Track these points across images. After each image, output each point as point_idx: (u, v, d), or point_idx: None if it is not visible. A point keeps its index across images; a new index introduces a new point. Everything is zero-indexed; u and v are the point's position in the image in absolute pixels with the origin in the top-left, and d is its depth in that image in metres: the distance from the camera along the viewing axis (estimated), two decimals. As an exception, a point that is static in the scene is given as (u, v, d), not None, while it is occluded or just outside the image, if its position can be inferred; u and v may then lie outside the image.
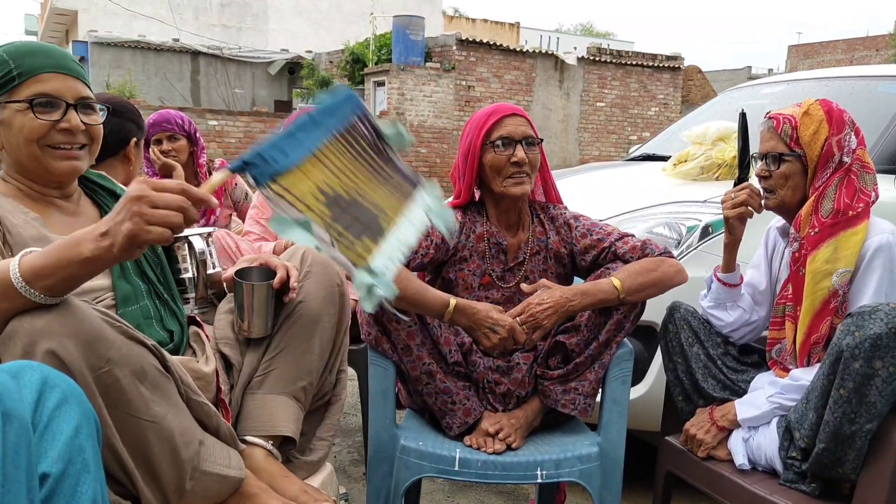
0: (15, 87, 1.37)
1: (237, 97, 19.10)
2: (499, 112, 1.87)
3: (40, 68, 1.38)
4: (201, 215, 3.07)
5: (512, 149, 1.84)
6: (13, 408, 0.80)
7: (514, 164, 1.84)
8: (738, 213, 1.85)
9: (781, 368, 1.83)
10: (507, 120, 1.86)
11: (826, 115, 1.75)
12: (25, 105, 1.37)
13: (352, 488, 2.44)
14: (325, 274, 1.66)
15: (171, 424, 1.24)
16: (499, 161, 1.85)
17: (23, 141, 1.39)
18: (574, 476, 1.74)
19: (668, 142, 3.79)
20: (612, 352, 1.83)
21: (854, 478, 1.56)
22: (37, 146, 1.40)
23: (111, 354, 1.16)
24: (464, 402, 1.80)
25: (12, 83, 1.37)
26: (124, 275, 1.48)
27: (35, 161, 1.41)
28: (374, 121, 1.36)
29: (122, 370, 1.17)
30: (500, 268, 1.93)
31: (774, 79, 3.86)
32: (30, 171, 1.44)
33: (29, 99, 1.37)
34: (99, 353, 1.14)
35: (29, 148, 1.39)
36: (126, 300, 1.46)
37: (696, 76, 20.41)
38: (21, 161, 1.42)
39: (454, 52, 14.89)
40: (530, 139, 1.86)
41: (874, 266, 1.68)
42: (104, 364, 1.14)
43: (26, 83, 1.37)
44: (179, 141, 2.99)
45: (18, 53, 1.38)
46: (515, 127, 1.85)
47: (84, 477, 0.88)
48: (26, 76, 1.37)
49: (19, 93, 1.37)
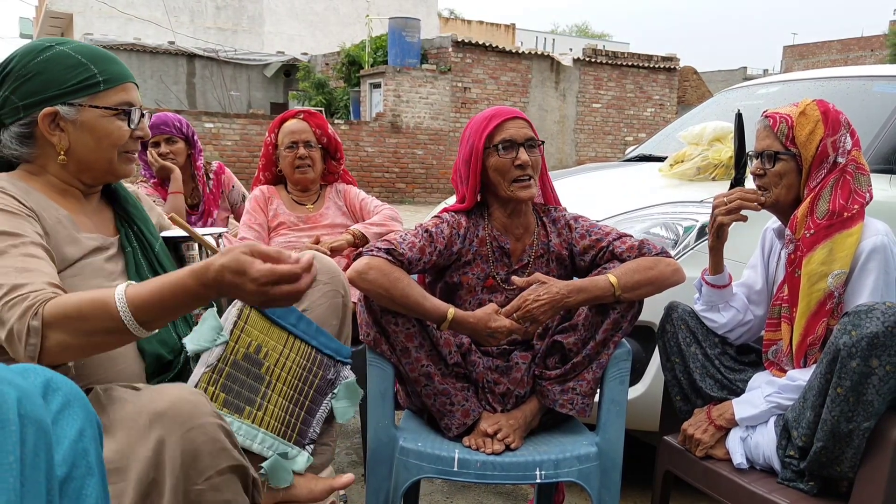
0: (99, 93, 1.40)
1: (233, 100, 19.09)
2: (500, 115, 1.87)
3: (124, 77, 1.44)
4: (200, 215, 3.07)
5: (515, 152, 1.84)
6: (32, 411, 0.80)
7: (519, 167, 1.84)
8: (734, 218, 1.86)
9: (778, 369, 1.83)
10: (509, 123, 1.86)
11: (822, 116, 1.76)
12: (112, 112, 1.41)
13: (351, 489, 2.44)
14: (331, 284, 1.67)
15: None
16: (503, 165, 1.85)
17: (107, 145, 1.42)
18: (573, 476, 1.74)
19: (664, 142, 3.80)
20: (609, 352, 1.84)
21: (852, 476, 1.57)
22: (116, 152, 1.43)
23: (211, 475, 1.11)
24: (462, 403, 1.81)
25: (96, 88, 1.40)
26: (139, 272, 1.48)
27: (107, 164, 1.44)
28: (339, 385, 1.52)
29: (213, 496, 1.12)
30: (503, 271, 1.93)
31: (770, 79, 3.87)
32: (91, 172, 1.45)
33: (118, 107, 1.42)
34: (201, 468, 1.10)
35: (110, 153, 1.43)
36: None
37: (692, 77, 20.46)
38: (89, 162, 1.42)
39: (450, 54, 14.90)
40: (532, 141, 1.86)
41: (869, 267, 1.69)
42: (200, 482, 1.10)
43: (113, 90, 1.42)
44: (177, 144, 2.99)
45: (98, 59, 1.42)
46: (517, 130, 1.86)
47: (89, 480, 0.89)
48: (113, 84, 1.41)
49: (105, 99, 1.41)
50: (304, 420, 1.44)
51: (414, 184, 14.92)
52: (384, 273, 1.70)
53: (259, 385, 1.35)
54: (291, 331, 1.44)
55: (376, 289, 1.70)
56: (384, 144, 14.55)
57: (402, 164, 14.79)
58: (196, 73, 19.10)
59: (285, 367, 1.41)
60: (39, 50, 1.40)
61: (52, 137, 1.39)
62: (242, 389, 1.32)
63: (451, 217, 1.93)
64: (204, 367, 1.26)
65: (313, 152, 2.66)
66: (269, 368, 1.37)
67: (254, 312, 1.34)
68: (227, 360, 1.30)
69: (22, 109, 1.38)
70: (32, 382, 0.87)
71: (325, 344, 1.52)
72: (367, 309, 1.77)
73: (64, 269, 1.34)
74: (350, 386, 1.53)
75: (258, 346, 1.36)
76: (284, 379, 1.41)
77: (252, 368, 1.34)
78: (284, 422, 1.39)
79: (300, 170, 2.65)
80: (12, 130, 1.40)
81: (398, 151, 14.70)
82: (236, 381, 1.31)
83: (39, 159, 1.43)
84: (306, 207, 2.71)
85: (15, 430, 0.77)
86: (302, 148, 2.64)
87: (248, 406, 1.32)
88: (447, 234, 1.88)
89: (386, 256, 1.74)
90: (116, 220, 1.54)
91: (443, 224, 1.89)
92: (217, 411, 1.15)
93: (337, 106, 16.50)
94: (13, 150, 1.42)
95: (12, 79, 1.38)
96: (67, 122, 1.39)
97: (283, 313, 1.40)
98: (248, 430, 1.30)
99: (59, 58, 1.39)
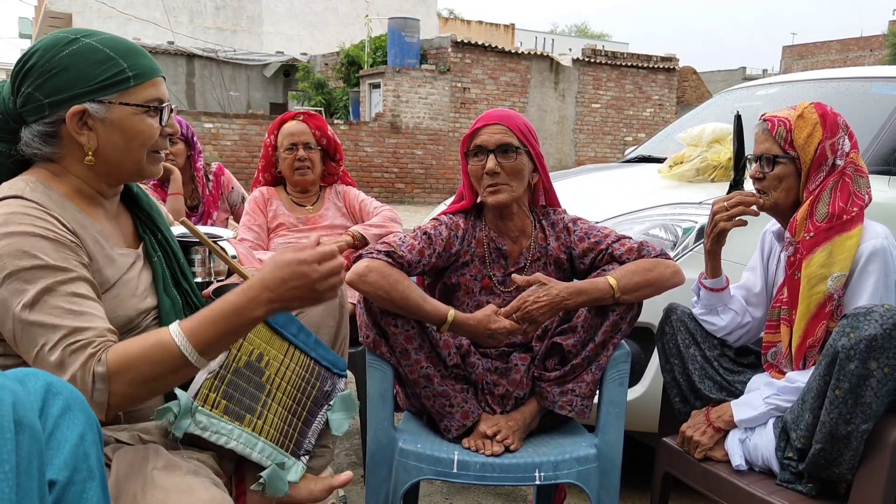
0: (129, 89, 1.31)
1: (232, 100, 19.09)
2: (482, 120, 1.90)
3: (153, 72, 1.35)
4: (199, 217, 3.07)
5: (485, 158, 1.85)
6: (26, 417, 0.80)
7: (487, 174, 1.85)
8: (735, 223, 1.86)
9: (777, 371, 1.84)
10: (485, 129, 1.88)
11: (820, 119, 1.77)
12: (143, 109, 1.32)
13: (350, 491, 2.45)
14: None
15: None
16: (475, 171, 1.89)
17: (137, 145, 1.33)
18: (572, 477, 1.74)
19: (663, 143, 3.80)
20: (608, 353, 1.84)
21: (850, 478, 1.57)
22: (146, 151, 1.35)
23: None
24: (462, 404, 1.81)
25: (126, 84, 1.30)
26: (165, 288, 1.42)
27: (136, 165, 1.35)
28: (335, 397, 1.54)
29: None
30: (500, 272, 1.94)
31: (769, 80, 3.87)
32: (118, 174, 1.37)
33: (149, 103, 1.33)
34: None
35: (139, 153, 1.34)
36: (168, 315, 1.40)
37: (691, 77, 20.47)
38: (117, 163, 1.34)
39: (449, 54, 14.91)
40: (505, 147, 1.86)
41: (869, 270, 1.69)
42: None
43: (143, 86, 1.32)
44: (177, 145, 2.99)
45: (127, 52, 1.32)
46: (490, 136, 1.86)
47: (89, 484, 0.89)
48: (143, 79, 1.32)
49: (135, 95, 1.31)
50: (300, 431, 1.44)
51: (413, 184, 14.92)
52: (384, 275, 1.71)
53: (260, 393, 1.34)
54: (292, 341, 1.44)
55: (376, 291, 1.71)
56: (383, 145, 14.55)
57: (401, 165, 14.79)
58: (195, 74, 19.09)
59: (285, 377, 1.41)
60: (65, 43, 1.29)
61: (80, 137, 1.29)
62: (244, 397, 1.32)
63: (449, 219, 1.94)
64: (206, 373, 1.26)
65: (312, 154, 2.66)
66: (270, 377, 1.37)
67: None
68: (230, 367, 1.30)
69: (48, 107, 1.28)
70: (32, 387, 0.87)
71: (323, 356, 1.52)
72: (367, 311, 1.77)
73: (105, 292, 1.29)
74: (346, 398, 1.53)
75: (260, 354, 1.36)
76: (284, 389, 1.40)
77: (253, 377, 1.34)
78: (282, 431, 1.39)
79: (299, 171, 2.65)
80: (35, 129, 1.30)
81: (397, 152, 14.71)
82: (238, 389, 1.31)
83: (64, 160, 1.33)
84: (306, 209, 2.71)
85: (10, 437, 0.77)
86: (301, 150, 2.64)
87: (249, 414, 1.31)
88: (445, 236, 1.88)
89: (386, 259, 1.74)
90: (138, 226, 1.46)
91: (441, 226, 1.90)
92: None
93: (336, 106, 16.50)
94: (36, 148, 1.31)
95: (35, 74, 1.28)
96: (97, 120, 1.29)
97: (284, 323, 1.40)
98: (247, 439, 1.30)
99: (87, 51, 1.29)
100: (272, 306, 1.16)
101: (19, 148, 1.34)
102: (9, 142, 1.34)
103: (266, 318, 1.18)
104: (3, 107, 1.33)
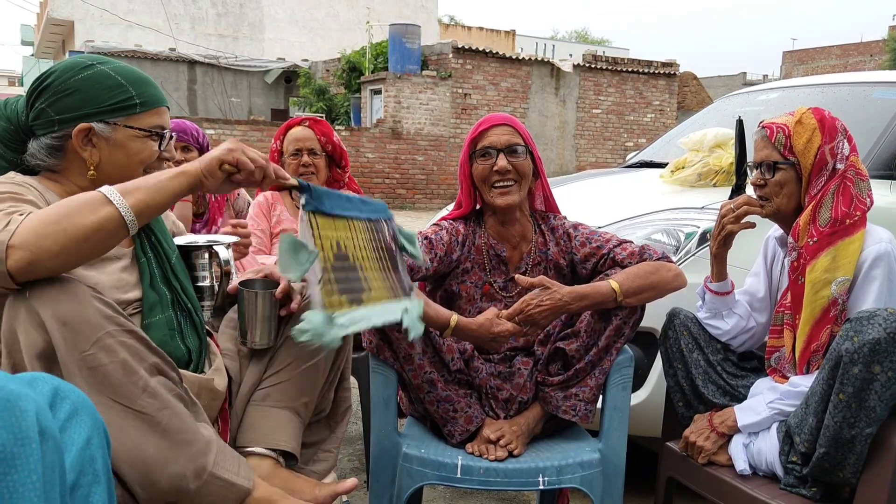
0: (134, 115, 1.46)
1: (234, 106, 19.12)
2: (486, 122, 1.91)
3: (159, 102, 1.51)
4: (204, 224, 3.07)
5: (494, 158, 1.86)
6: (48, 426, 0.81)
7: (497, 173, 1.86)
8: (743, 226, 1.86)
9: (780, 376, 1.84)
10: (492, 130, 1.88)
11: (819, 124, 1.77)
12: (145, 133, 1.48)
13: (353, 496, 2.44)
14: None
15: (167, 421, 1.26)
16: (482, 171, 1.88)
17: (136, 163, 1.48)
18: (576, 482, 1.74)
19: (665, 148, 3.81)
20: (612, 358, 1.84)
21: (854, 482, 1.57)
22: (142, 169, 1.49)
23: (100, 338, 1.22)
24: (465, 409, 1.81)
25: (133, 110, 1.46)
26: (152, 283, 1.51)
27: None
28: (398, 236, 1.62)
29: (108, 356, 1.22)
30: (501, 279, 1.94)
31: (770, 85, 3.88)
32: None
33: (151, 129, 1.49)
34: (87, 336, 1.20)
35: (137, 171, 1.48)
36: (152, 309, 1.49)
37: (692, 82, 20.51)
38: (116, 178, 1.42)
39: (450, 60, 14.94)
40: (513, 147, 1.87)
41: (874, 275, 1.69)
42: (89, 348, 1.20)
43: (147, 113, 1.48)
44: (192, 153, 2.96)
45: (137, 81, 1.48)
46: (498, 136, 1.87)
47: (95, 487, 0.89)
48: (148, 107, 1.48)
49: (140, 120, 1.47)
50: (396, 277, 1.56)
51: (415, 189, 14.93)
52: None
53: (357, 273, 1.44)
54: (344, 215, 1.50)
55: (379, 296, 1.71)
56: (385, 150, 14.57)
57: (402, 170, 14.80)
58: (197, 80, 19.13)
59: (360, 248, 1.49)
60: (81, 67, 1.44)
61: (84, 152, 1.44)
62: (352, 283, 1.41)
63: (450, 224, 1.94)
64: (317, 284, 1.32)
65: (317, 160, 2.67)
66: (354, 255, 1.46)
67: (318, 216, 1.40)
68: (328, 268, 1.37)
69: (57, 123, 1.42)
70: (41, 391, 0.87)
71: (370, 212, 1.58)
72: (370, 316, 1.77)
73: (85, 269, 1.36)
74: (403, 231, 1.64)
75: (336, 243, 1.43)
76: (367, 256, 1.49)
77: (344, 264, 1.43)
78: (389, 288, 1.51)
79: (303, 177, 2.65)
80: (43, 141, 1.45)
81: (399, 157, 14.72)
82: (342, 281, 1.39)
83: (66, 171, 1.48)
84: (309, 214, 2.71)
85: (36, 447, 0.78)
86: (306, 155, 2.65)
87: (363, 293, 1.42)
88: (446, 241, 1.89)
89: (388, 263, 1.74)
90: None
91: (441, 231, 1.91)
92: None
93: (337, 112, 16.53)
94: (41, 160, 1.46)
95: (50, 92, 1.43)
96: (101, 138, 1.44)
97: (332, 204, 1.46)
98: (379, 310, 1.42)
99: (100, 77, 1.44)
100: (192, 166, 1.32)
101: (25, 158, 1.47)
102: (17, 151, 1.48)
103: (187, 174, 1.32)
104: (16, 119, 1.46)
